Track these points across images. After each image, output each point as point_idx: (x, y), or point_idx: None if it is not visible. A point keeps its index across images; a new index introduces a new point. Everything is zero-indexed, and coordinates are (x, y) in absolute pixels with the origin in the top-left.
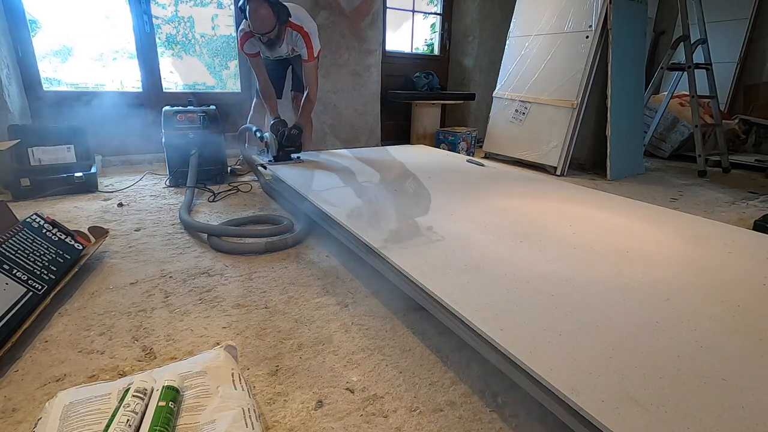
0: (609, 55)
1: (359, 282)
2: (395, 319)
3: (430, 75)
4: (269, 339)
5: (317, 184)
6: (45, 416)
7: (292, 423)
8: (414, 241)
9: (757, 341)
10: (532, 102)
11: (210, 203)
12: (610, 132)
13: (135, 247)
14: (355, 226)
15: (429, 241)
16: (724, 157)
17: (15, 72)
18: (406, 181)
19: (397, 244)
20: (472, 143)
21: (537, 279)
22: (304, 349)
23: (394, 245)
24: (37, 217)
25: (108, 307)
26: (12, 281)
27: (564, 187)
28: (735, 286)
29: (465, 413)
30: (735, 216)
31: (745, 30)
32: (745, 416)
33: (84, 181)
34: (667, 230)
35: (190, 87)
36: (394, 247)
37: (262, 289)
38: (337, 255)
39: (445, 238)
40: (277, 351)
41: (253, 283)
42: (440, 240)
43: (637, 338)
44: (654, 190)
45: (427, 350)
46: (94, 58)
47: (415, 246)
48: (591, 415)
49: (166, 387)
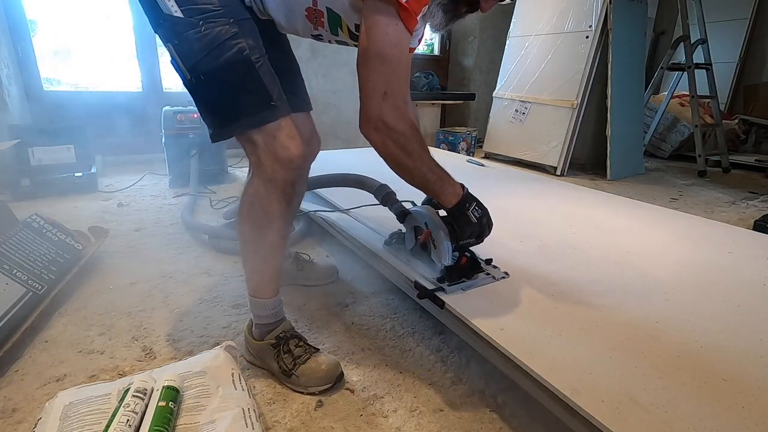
0: (609, 55)
1: (359, 282)
2: (395, 319)
3: (430, 75)
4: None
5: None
6: (45, 416)
7: (292, 423)
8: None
9: (757, 341)
10: (532, 102)
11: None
12: (610, 132)
13: (135, 247)
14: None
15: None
16: (724, 157)
17: (15, 72)
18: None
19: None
20: (472, 143)
21: (537, 279)
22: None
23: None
24: (37, 217)
25: (108, 307)
26: (12, 281)
27: (564, 187)
28: (735, 286)
29: (465, 413)
30: (735, 216)
31: (745, 30)
32: (745, 416)
33: (84, 181)
34: (667, 230)
35: None
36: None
37: None
38: (337, 255)
39: None
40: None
41: None
42: None
43: (637, 338)
44: (654, 190)
45: (427, 350)
46: (94, 58)
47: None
48: (591, 415)
49: (166, 387)
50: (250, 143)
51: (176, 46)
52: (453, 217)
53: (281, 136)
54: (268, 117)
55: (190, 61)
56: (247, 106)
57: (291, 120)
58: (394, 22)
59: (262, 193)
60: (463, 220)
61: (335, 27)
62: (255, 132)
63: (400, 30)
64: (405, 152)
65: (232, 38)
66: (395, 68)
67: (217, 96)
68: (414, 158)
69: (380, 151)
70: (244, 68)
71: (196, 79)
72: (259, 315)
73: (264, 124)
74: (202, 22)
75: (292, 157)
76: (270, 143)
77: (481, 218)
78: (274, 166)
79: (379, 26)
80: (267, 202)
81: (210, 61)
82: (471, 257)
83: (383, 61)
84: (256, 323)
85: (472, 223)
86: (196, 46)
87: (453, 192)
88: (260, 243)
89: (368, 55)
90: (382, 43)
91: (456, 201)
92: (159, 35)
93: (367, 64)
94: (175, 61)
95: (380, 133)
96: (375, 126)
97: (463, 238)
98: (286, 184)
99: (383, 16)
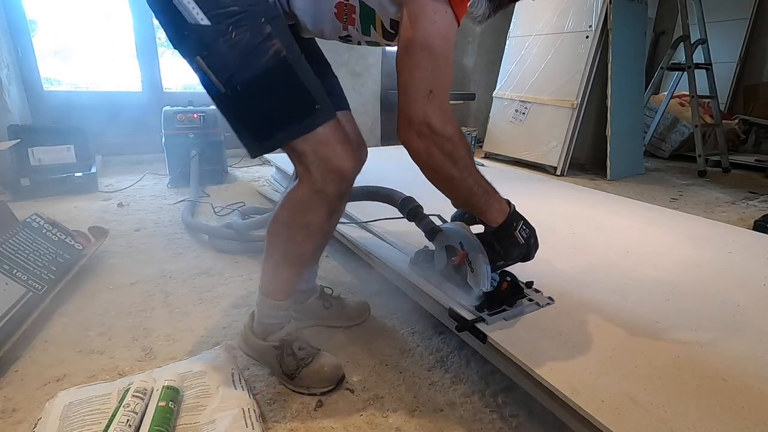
0: (609, 55)
1: (359, 282)
2: (395, 319)
3: None
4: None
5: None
6: (45, 416)
7: (292, 423)
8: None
9: (757, 341)
10: (532, 102)
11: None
12: (610, 132)
13: (135, 247)
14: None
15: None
16: (724, 157)
17: (15, 72)
18: (407, 182)
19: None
20: (472, 143)
21: (537, 279)
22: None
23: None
24: (37, 217)
25: (108, 307)
26: (12, 281)
27: (564, 187)
28: (735, 286)
29: (465, 413)
30: (735, 216)
31: (745, 30)
32: (745, 416)
33: (84, 181)
34: (667, 230)
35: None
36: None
37: None
38: (337, 255)
39: None
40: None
41: (253, 283)
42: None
43: (637, 338)
44: (654, 190)
45: (427, 350)
46: (94, 58)
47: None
48: (591, 415)
49: (166, 387)
50: (296, 153)
51: (206, 58)
52: (497, 237)
53: (332, 143)
54: (313, 122)
55: (225, 72)
56: (290, 113)
57: (339, 122)
58: (443, 9)
59: (307, 202)
60: (509, 241)
61: (368, 24)
62: (301, 141)
63: (449, 19)
64: (452, 161)
65: (266, 40)
66: (442, 63)
67: (256, 107)
68: (461, 168)
69: (422, 159)
70: (283, 72)
71: (233, 92)
72: (267, 315)
73: (310, 131)
74: (231, 27)
75: (344, 167)
76: (320, 152)
77: (529, 239)
78: (326, 177)
79: (426, 14)
80: (311, 214)
81: (247, 70)
82: (512, 281)
83: (430, 54)
84: (259, 320)
85: (519, 245)
86: (229, 55)
87: (500, 209)
88: (292, 251)
89: (412, 47)
90: (429, 34)
91: (502, 219)
92: (182, 51)
93: (411, 59)
94: (204, 75)
95: (424, 138)
96: (418, 130)
97: (507, 260)
98: (335, 196)
99: (431, 1)
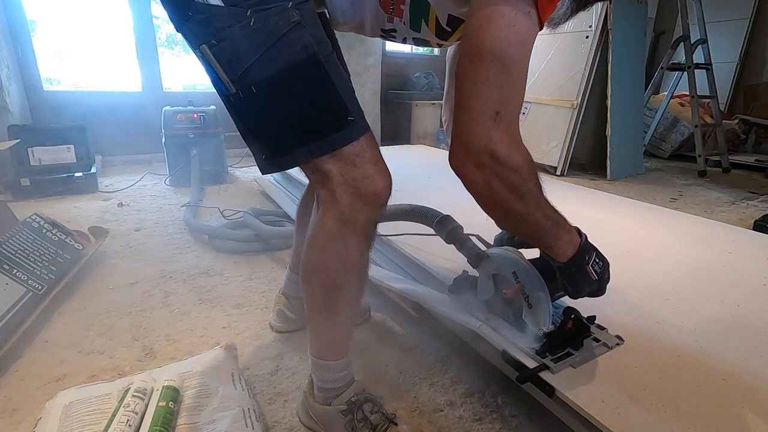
0: (609, 55)
1: None
2: (395, 320)
3: (430, 75)
4: (269, 339)
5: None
6: (45, 416)
7: (292, 423)
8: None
9: (757, 341)
10: (532, 102)
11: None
12: (610, 132)
13: (135, 247)
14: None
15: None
16: (724, 157)
17: (15, 72)
18: (406, 183)
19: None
20: None
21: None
22: (304, 349)
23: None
24: (37, 217)
25: (108, 307)
26: (12, 281)
27: (564, 187)
28: (735, 286)
29: (465, 413)
30: (735, 216)
31: (745, 30)
32: (745, 416)
33: (84, 181)
34: (667, 230)
35: (190, 87)
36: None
37: (262, 290)
38: None
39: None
40: (277, 351)
41: (253, 283)
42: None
43: (637, 338)
44: (654, 190)
45: (427, 350)
46: (94, 58)
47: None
48: (591, 415)
49: (166, 387)
50: (319, 173)
51: (214, 48)
52: (565, 273)
53: (363, 163)
54: (345, 138)
55: (238, 67)
56: (316, 124)
57: (372, 138)
58: (525, 9)
59: (337, 237)
60: (580, 277)
61: (418, 18)
62: (327, 159)
63: (531, 23)
64: (517, 195)
65: (293, 30)
66: (516, 78)
67: (274, 113)
68: (527, 202)
69: (479, 193)
70: (313, 72)
71: (246, 93)
72: (324, 379)
73: (340, 148)
74: (251, 11)
75: (377, 191)
76: (349, 173)
77: (603, 274)
78: (354, 204)
79: (503, 15)
80: (345, 250)
81: (266, 67)
82: (577, 318)
83: (503, 66)
84: (319, 387)
85: (591, 281)
86: (245, 45)
87: (570, 241)
88: (335, 300)
89: (480, 57)
90: (504, 41)
91: (573, 253)
92: (185, 35)
93: (478, 71)
94: (211, 69)
95: (484, 169)
96: (477, 160)
97: (575, 296)
98: (369, 224)
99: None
